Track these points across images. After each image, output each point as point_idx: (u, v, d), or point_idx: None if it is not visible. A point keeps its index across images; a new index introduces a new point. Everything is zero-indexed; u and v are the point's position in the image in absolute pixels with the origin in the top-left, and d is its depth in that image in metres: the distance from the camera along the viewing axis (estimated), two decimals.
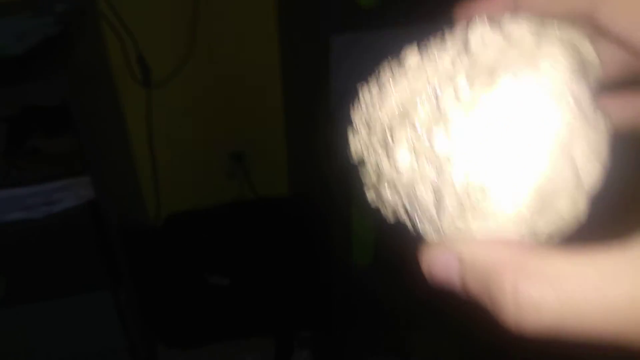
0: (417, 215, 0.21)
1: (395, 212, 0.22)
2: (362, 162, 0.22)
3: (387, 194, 0.21)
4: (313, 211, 1.30)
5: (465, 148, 0.18)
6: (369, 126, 0.21)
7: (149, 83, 1.24)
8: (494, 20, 0.20)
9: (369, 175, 0.22)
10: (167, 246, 1.29)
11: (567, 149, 0.18)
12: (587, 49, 0.20)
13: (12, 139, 1.07)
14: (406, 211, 0.21)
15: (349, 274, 1.21)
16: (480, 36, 0.20)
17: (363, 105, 0.22)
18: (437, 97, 0.19)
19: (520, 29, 0.20)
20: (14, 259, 0.94)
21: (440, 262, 0.19)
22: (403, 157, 0.20)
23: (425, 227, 0.21)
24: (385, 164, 0.21)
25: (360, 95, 0.22)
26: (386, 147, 0.20)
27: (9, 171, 0.98)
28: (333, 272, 1.23)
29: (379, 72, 0.22)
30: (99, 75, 1.13)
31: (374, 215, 0.23)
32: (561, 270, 0.16)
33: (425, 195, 0.20)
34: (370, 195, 0.23)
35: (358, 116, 0.22)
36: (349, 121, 0.22)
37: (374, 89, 0.22)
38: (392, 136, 0.20)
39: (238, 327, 1.16)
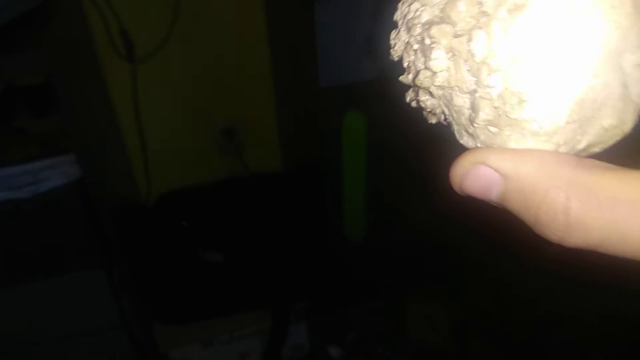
0: (454, 119, 0.20)
1: (433, 114, 0.21)
2: (401, 61, 0.22)
3: (424, 95, 0.21)
4: (306, 186, 1.29)
5: (506, 53, 0.17)
6: (408, 26, 0.20)
7: (133, 58, 1.21)
8: None
9: (406, 76, 0.21)
10: (160, 224, 1.28)
11: (614, 55, 0.17)
12: None
13: None
14: (443, 114, 0.20)
15: (343, 247, 1.21)
16: None
17: (405, 6, 0.21)
18: (480, 2, 0.18)
19: None
20: (3, 239, 0.93)
21: (477, 175, 0.18)
22: (440, 58, 0.19)
23: (461, 133, 0.20)
24: (421, 64, 0.20)
25: None
26: (423, 47, 0.19)
27: None
28: (327, 246, 1.22)
29: None
30: (81, 51, 1.10)
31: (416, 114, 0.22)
32: (614, 192, 0.15)
33: (461, 100, 0.19)
34: (409, 96, 0.22)
35: (400, 15, 0.22)
36: (391, 21, 0.22)
37: None
38: (430, 36, 0.19)
39: (234, 302, 1.15)
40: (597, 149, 0.18)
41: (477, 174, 0.18)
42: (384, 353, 1.29)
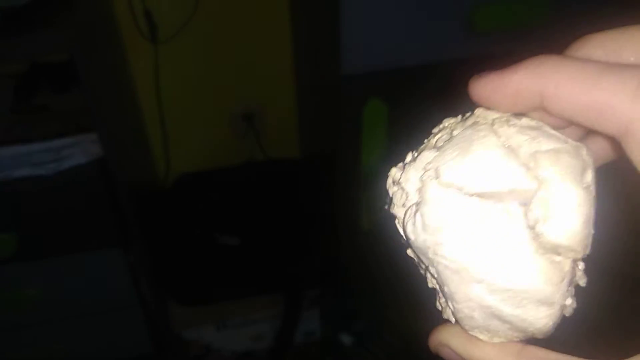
0: (432, 282, 0.22)
1: (418, 265, 0.23)
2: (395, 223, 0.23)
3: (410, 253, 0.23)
4: (323, 173, 1.29)
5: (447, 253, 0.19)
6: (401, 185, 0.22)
7: (156, 39, 1.21)
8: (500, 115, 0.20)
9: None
10: (177, 206, 1.29)
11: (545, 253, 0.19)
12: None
13: (20, 96, 1.06)
14: (424, 271, 0.23)
15: (358, 234, 1.21)
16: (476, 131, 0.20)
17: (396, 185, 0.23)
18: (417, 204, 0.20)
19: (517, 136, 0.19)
20: (24, 215, 0.94)
21: (446, 352, 0.22)
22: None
23: (438, 302, 0.22)
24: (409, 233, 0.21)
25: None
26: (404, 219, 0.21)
27: (17, 128, 0.98)
28: (342, 233, 1.22)
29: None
30: (105, 30, 1.11)
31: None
32: None
33: (432, 281, 0.22)
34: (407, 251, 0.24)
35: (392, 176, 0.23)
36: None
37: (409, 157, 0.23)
38: (403, 220, 0.21)
39: (247, 286, 1.16)
40: (539, 336, 0.21)
41: (446, 352, 0.22)
42: (395, 342, 1.29)
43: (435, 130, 0.22)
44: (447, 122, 0.22)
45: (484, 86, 0.20)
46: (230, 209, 1.26)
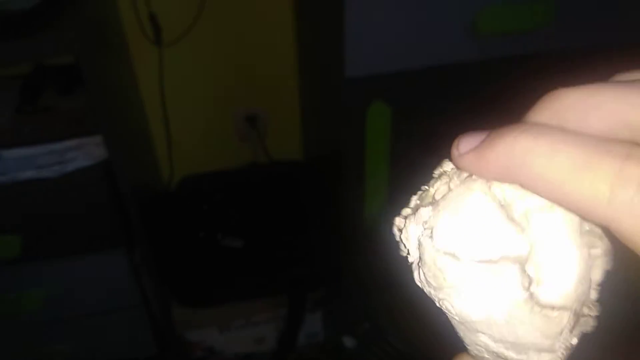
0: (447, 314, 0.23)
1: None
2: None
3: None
4: (326, 175, 1.29)
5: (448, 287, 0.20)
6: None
7: (161, 42, 1.22)
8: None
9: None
10: (181, 208, 1.29)
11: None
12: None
13: (25, 98, 1.06)
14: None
15: (361, 237, 1.21)
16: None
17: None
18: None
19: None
20: (29, 217, 0.95)
21: None
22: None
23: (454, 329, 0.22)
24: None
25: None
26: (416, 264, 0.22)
27: (22, 130, 0.98)
28: (345, 235, 1.22)
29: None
30: (110, 33, 1.11)
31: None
32: None
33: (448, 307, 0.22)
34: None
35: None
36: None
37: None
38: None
39: (251, 288, 1.16)
40: None
41: None
42: (398, 344, 1.29)
43: (435, 173, 0.22)
44: (447, 166, 0.22)
45: (463, 157, 0.19)
46: (233, 211, 1.26)
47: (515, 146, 0.17)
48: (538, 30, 0.97)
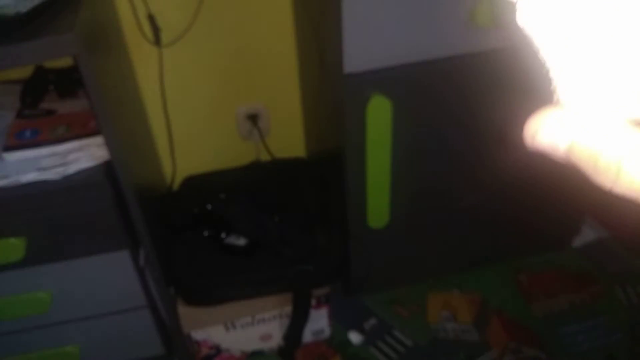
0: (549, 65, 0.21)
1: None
2: None
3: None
4: (328, 171, 1.29)
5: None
6: None
7: (160, 42, 1.22)
8: None
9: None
10: (184, 207, 1.29)
11: None
12: None
13: (26, 101, 1.07)
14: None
15: (366, 233, 1.21)
16: None
17: None
18: None
19: None
20: (33, 220, 0.95)
21: (549, 131, 0.21)
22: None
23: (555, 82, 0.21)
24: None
25: None
26: None
27: (23, 133, 0.99)
28: (350, 231, 1.22)
29: None
30: (110, 34, 1.11)
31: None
32: None
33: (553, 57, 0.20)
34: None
35: None
36: None
37: None
38: None
39: (256, 286, 1.16)
40: None
41: (549, 131, 0.21)
42: (404, 340, 1.29)
43: None
44: None
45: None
46: (236, 209, 1.26)
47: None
48: None
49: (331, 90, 1.11)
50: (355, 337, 1.30)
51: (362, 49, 0.96)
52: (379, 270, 1.33)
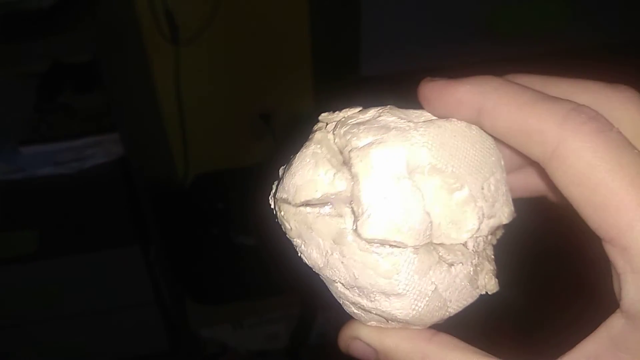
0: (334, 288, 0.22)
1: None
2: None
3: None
4: None
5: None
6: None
7: (177, 40, 1.23)
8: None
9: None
10: (195, 205, 1.30)
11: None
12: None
13: (43, 95, 1.08)
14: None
15: None
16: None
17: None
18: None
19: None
20: (46, 213, 0.96)
21: (356, 346, 0.23)
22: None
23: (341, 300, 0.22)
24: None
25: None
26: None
27: (40, 127, 1.00)
28: None
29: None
30: (127, 31, 1.12)
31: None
32: None
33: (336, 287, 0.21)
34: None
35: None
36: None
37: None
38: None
39: (264, 286, 1.17)
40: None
41: (356, 346, 0.23)
42: None
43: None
44: (317, 125, 0.23)
45: (431, 90, 0.21)
46: (247, 208, 1.26)
47: (485, 84, 0.19)
48: (554, 30, 0.96)
49: (346, 92, 1.11)
50: None
51: (380, 53, 0.96)
52: None
